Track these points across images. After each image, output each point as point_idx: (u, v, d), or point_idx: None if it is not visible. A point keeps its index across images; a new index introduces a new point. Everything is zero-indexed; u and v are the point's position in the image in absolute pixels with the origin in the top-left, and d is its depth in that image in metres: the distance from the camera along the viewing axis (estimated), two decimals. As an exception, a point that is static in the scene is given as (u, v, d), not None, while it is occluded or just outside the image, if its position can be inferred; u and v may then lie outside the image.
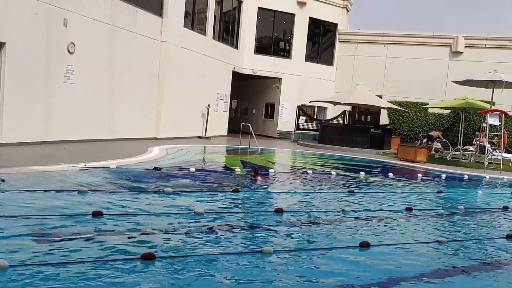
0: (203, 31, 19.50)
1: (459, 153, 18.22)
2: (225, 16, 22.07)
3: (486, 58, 22.58)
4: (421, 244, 5.53)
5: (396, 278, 4.27)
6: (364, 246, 5.07)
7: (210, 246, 4.80)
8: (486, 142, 15.84)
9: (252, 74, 24.06)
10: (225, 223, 5.80)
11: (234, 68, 22.39)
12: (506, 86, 16.22)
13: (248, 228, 5.72)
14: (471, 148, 17.65)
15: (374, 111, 25.07)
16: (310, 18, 25.04)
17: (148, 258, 4.11)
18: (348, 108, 23.88)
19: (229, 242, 5.01)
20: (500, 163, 14.98)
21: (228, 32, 22.38)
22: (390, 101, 22.95)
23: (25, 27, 10.80)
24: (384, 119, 24.97)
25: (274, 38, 25.15)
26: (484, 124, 16.10)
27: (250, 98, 28.02)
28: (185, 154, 13.06)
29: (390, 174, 12.27)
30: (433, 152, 19.09)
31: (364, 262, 4.70)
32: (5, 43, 10.30)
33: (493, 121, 15.14)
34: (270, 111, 25.74)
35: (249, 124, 16.64)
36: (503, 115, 15.54)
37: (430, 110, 23.49)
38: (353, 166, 14.07)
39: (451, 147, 18.14)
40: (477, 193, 10.58)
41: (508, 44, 23.31)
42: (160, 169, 9.47)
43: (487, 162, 15.16)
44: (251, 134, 16.17)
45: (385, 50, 25.29)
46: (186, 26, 17.85)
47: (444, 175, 12.99)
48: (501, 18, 65.17)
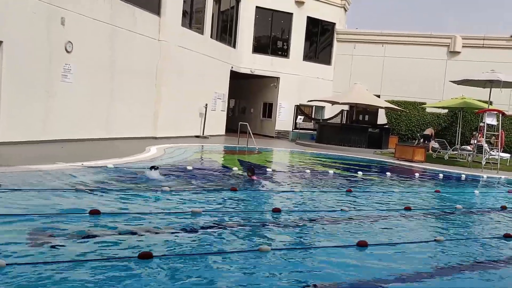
0: (201, 30, 19.48)
1: (457, 152, 18.26)
2: (223, 15, 22.05)
3: (484, 58, 22.62)
4: (419, 243, 5.53)
5: (394, 278, 4.28)
6: (362, 245, 5.07)
7: (207, 245, 4.80)
8: (483, 141, 15.88)
9: (250, 73, 24.04)
10: (222, 222, 5.80)
11: (232, 67, 22.37)
12: (504, 86, 16.27)
13: (245, 226, 5.72)
14: (469, 147, 17.68)
15: (372, 111, 25.10)
16: (308, 17, 25.02)
17: (145, 257, 4.10)
18: (346, 107, 23.91)
19: (226, 241, 5.01)
20: (497, 163, 15.04)
21: (226, 31, 22.36)
22: (388, 100, 22.98)
23: (23, 26, 10.76)
24: (382, 119, 25.00)
25: (272, 38, 25.14)
26: (481, 123, 16.13)
27: (248, 97, 28.01)
28: (182, 153, 13.05)
29: (388, 174, 12.29)
30: (430, 151, 19.13)
31: (362, 261, 4.70)
32: (2, 42, 10.26)
33: (490, 120, 15.17)
34: (268, 111, 25.73)
35: (247, 123, 16.64)
36: (501, 115, 15.58)
37: (428, 110, 23.51)
38: (350, 165, 14.08)
39: (449, 147, 18.17)
40: (474, 192, 10.61)
41: (505, 44, 23.36)
42: (157, 168, 9.44)
43: (485, 162, 15.20)
44: (249, 133, 16.17)
45: (383, 49, 25.30)
46: (184, 25, 17.82)
47: (441, 175, 13.03)
48: (500, 18, 65.37)
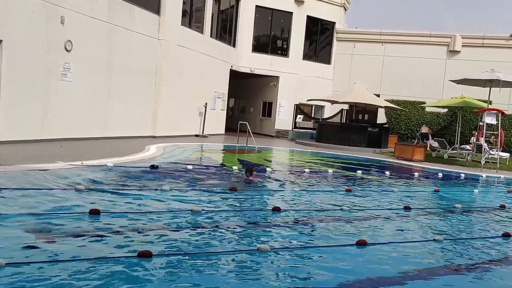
0: (201, 29, 19.47)
1: (456, 152, 18.27)
2: (222, 14, 22.04)
3: (483, 57, 22.63)
4: (418, 242, 5.54)
5: (393, 277, 4.28)
6: (361, 244, 5.08)
7: (207, 244, 4.80)
8: (483, 141, 15.89)
9: (249, 72, 24.04)
10: (222, 221, 5.80)
11: (232, 66, 22.36)
12: (503, 86, 16.27)
13: (245, 226, 5.72)
14: (468, 147, 17.69)
15: (372, 110, 25.10)
16: (307, 16, 25.02)
17: (145, 256, 4.11)
18: (345, 106, 23.93)
19: (226, 240, 5.01)
20: (496, 162, 15.05)
21: (225, 30, 22.35)
22: (388, 100, 22.98)
23: (23, 25, 10.75)
24: (381, 118, 25.01)
25: (271, 37, 25.13)
26: (481, 123, 16.13)
27: (247, 96, 28.01)
28: (182, 152, 13.05)
29: (387, 173, 12.29)
30: (429, 149, 19.13)
31: (361, 260, 4.70)
32: (1, 41, 10.25)
33: (490, 120, 15.18)
34: (268, 110, 25.73)
35: (246, 122, 16.64)
36: (500, 114, 15.59)
37: (427, 109, 23.52)
38: (350, 164, 14.08)
39: (448, 146, 18.18)
40: (473, 191, 10.62)
41: (505, 43, 23.37)
42: (157, 167, 9.46)
43: (484, 161, 15.21)
44: (249, 132, 16.17)
45: (382, 49, 25.30)
46: (183, 24, 17.82)
47: (441, 174, 13.04)
48: (500, 18, 65.36)
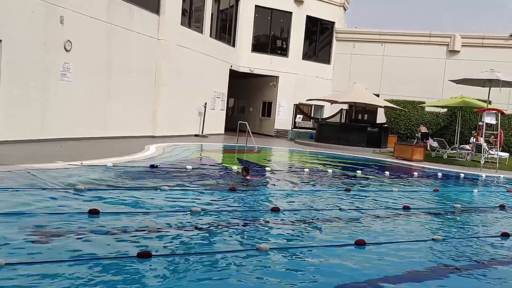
0: (200, 29, 19.46)
1: (456, 151, 18.28)
2: (222, 14, 22.03)
3: (483, 57, 22.63)
4: (416, 242, 5.55)
5: (391, 276, 4.29)
6: (360, 244, 5.09)
7: (206, 244, 4.81)
8: (482, 140, 15.89)
9: (249, 72, 24.04)
10: (221, 221, 5.81)
11: (231, 66, 22.36)
12: (503, 85, 16.28)
13: (244, 226, 5.73)
14: (468, 147, 17.70)
15: (371, 110, 25.08)
16: (307, 16, 25.00)
17: (144, 256, 4.11)
18: (345, 106, 23.93)
19: (225, 240, 5.02)
20: (496, 162, 15.05)
21: (225, 30, 22.34)
22: (387, 99, 22.98)
23: (23, 25, 10.75)
24: (381, 118, 25.00)
25: (271, 37, 25.13)
26: (480, 123, 16.15)
27: (247, 96, 28.00)
28: (182, 152, 13.05)
29: (387, 173, 12.29)
30: (428, 149, 19.14)
31: (360, 260, 4.71)
32: (1, 41, 10.24)
33: (489, 120, 15.19)
34: (267, 110, 25.72)
35: (246, 122, 16.64)
36: (500, 114, 15.60)
37: (427, 109, 23.53)
38: (349, 164, 14.09)
39: (448, 146, 18.19)
40: (473, 191, 10.62)
41: (504, 43, 23.37)
42: (156, 167, 9.47)
43: (484, 161, 15.22)
44: (248, 132, 16.17)
45: (382, 48, 25.30)
46: (183, 24, 17.81)
47: (440, 174, 13.04)
48: (500, 18, 65.36)
